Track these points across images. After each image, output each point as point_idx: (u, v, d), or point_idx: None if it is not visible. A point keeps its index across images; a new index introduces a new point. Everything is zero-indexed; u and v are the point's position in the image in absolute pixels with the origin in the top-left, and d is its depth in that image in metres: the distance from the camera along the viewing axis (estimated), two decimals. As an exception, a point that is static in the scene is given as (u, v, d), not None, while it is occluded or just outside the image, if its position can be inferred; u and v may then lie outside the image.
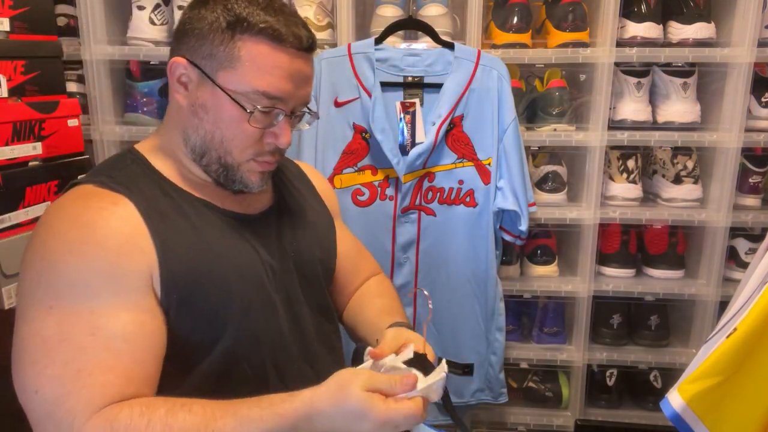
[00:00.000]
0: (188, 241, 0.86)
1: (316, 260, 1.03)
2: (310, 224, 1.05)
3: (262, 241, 0.95)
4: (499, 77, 1.51)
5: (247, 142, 0.88)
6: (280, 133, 0.89)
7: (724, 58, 1.61)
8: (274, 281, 0.94)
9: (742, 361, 0.88)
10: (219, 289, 0.87)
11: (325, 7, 1.67)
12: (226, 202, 0.94)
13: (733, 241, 1.77)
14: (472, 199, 1.53)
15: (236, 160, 0.90)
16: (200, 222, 0.89)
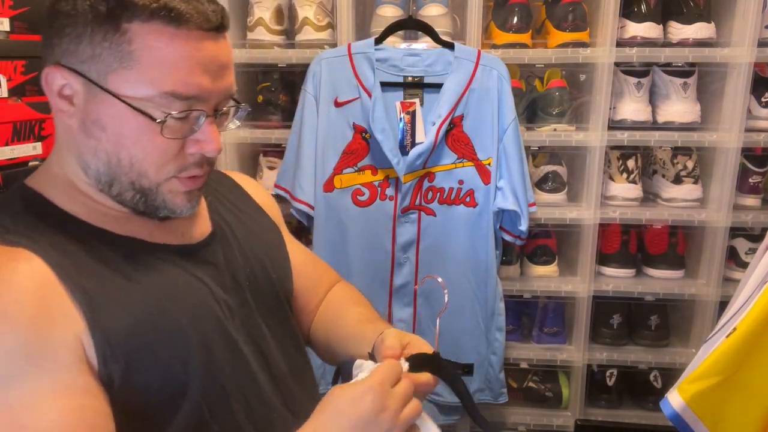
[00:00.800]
0: (120, 291, 0.69)
1: (274, 284, 0.89)
2: (259, 244, 0.90)
3: (211, 273, 0.79)
4: (499, 77, 1.51)
5: (163, 159, 0.71)
6: (204, 138, 0.72)
7: (724, 58, 1.61)
8: (233, 319, 0.79)
9: (742, 360, 0.88)
10: (171, 342, 0.70)
11: (325, 7, 1.67)
12: (157, 234, 0.77)
13: (733, 241, 1.77)
14: (472, 199, 1.53)
15: (154, 182, 0.72)
16: (130, 265, 0.72)
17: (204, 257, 0.81)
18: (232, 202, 0.93)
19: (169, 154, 0.72)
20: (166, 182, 0.73)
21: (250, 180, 1.03)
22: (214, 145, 0.73)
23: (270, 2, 1.66)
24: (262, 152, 1.81)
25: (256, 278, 0.86)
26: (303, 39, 1.65)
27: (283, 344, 0.87)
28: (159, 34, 0.67)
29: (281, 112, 1.74)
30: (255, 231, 0.91)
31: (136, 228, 0.76)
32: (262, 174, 1.79)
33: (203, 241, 0.82)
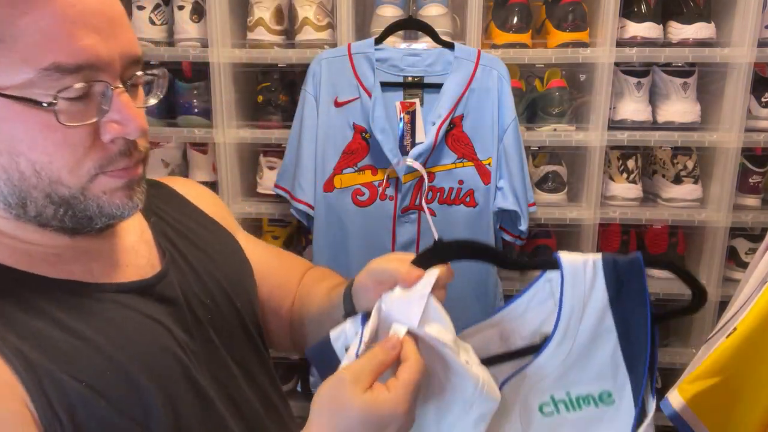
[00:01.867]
0: (63, 351, 0.57)
1: (239, 313, 0.78)
2: (217, 268, 0.77)
3: (169, 312, 0.67)
4: (499, 77, 1.51)
5: (74, 156, 0.57)
6: (120, 117, 0.58)
7: (724, 58, 1.60)
8: (198, 363, 0.68)
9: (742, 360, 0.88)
10: (130, 405, 0.59)
11: (325, 7, 1.67)
12: (97, 271, 0.65)
13: (733, 241, 1.76)
14: (472, 199, 1.53)
15: (74, 187, 0.59)
16: (71, 316, 0.59)
17: (159, 293, 0.68)
18: (178, 219, 0.79)
19: (80, 148, 0.57)
20: (92, 183, 0.60)
21: (191, 183, 0.90)
22: (135, 122, 0.59)
23: (270, 2, 1.66)
24: (262, 152, 1.81)
25: (218, 310, 0.74)
26: (303, 39, 1.65)
27: (255, 381, 0.77)
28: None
29: (281, 112, 1.74)
30: (210, 253, 0.78)
31: (72, 267, 0.63)
32: (262, 174, 1.79)
33: (158, 274, 0.69)
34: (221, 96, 1.66)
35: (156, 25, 1.68)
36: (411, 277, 0.66)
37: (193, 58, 1.67)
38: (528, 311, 0.72)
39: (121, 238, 0.70)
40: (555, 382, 0.70)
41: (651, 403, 0.68)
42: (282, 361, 1.86)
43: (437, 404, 0.65)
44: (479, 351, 0.70)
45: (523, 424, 0.72)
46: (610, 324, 0.69)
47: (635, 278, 0.68)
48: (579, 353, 0.69)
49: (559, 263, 0.68)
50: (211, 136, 1.69)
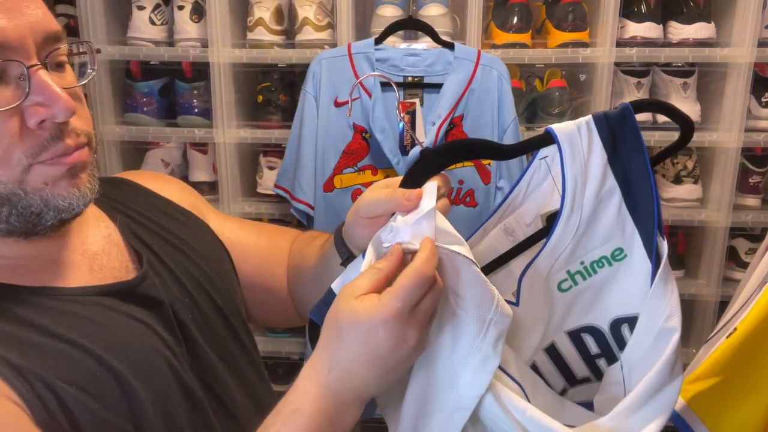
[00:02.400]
0: (52, 357, 0.56)
1: (220, 310, 0.75)
2: (193, 264, 0.74)
3: (154, 313, 0.66)
4: (499, 77, 1.51)
5: (0, 146, 0.54)
6: (44, 98, 0.55)
7: (724, 58, 1.60)
8: (184, 363, 0.67)
9: (743, 361, 0.88)
10: (122, 400, 0.59)
11: (325, 7, 1.67)
12: (72, 276, 0.63)
13: (733, 241, 1.76)
14: (472, 199, 1.53)
15: (10, 181, 0.56)
16: (56, 322, 0.58)
17: (142, 295, 0.65)
18: (147, 215, 0.75)
19: (5, 138, 0.54)
20: (29, 176, 0.56)
21: (154, 175, 0.86)
22: (60, 101, 0.54)
23: (270, 2, 1.66)
24: (262, 152, 1.81)
25: (198, 309, 0.72)
26: (303, 39, 1.65)
27: (242, 378, 0.75)
28: None
29: (281, 112, 1.74)
30: (185, 250, 0.75)
31: (43, 276, 0.61)
32: (262, 174, 1.79)
33: (137, 277, 0.67)
34: (221, 96, 1.66)
35: (156, 25, 1.68)
36: (411, 199, 0.59)
37: (193, 58, 1.67)
38: (528, 197, 0.70)
39: (87, 243, 0.67)
40: (569, 257, 0.67)
41: (663, 245, 0.66)
42: (283, 360, 1.86)
43: (452, 329, 0.60)
44: (489, 253, 0.68)
45: (548, 307, 0.69)
46: (612, 183, 0.66)
47: (628, 127, 0.68)
48: (587, 221, 0.66)
49: (554, 135, 0.65)
50: (211, 136, 1.69)
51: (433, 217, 0.59)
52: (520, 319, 0.67)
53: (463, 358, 0.59)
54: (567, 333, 0.71)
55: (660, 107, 0.73)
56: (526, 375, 0.68)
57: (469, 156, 0.68)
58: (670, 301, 0.64)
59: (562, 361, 0.72)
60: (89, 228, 0.68)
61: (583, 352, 0.72)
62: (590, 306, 0.70)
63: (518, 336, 0.69)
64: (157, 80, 1.74)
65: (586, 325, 0.70)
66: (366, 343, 0.54)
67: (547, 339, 0.70)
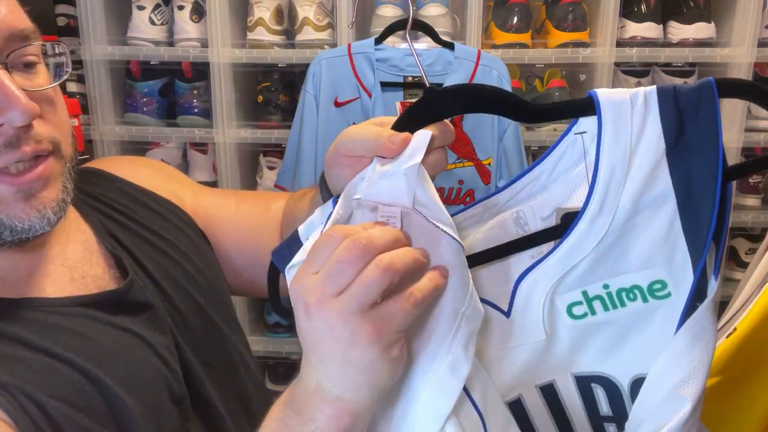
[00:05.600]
0: (38, 372, 0.54)
1: (204, 311, 0.71)
2: (173, 264, 0.70)
3: (145, 320, 0.64)
4: (499, 77, 1.51)
5: None
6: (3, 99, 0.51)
7: (724, 58, 1.60)
8: (178, 371, 0.65)
9: (742, 361, 0.88)
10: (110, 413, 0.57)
11: (325, 7, 1.67)
12: (52, 288, 0.60)
13: (733, 241, 1.76)
14: (472, 199, 1.53)
15: None
16: (40, 336, 0.55)
17: (131, 303, 0.63)
18: (121, 211, 0.71)
19: None
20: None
21: (123, 160, 0.81)
22: (18, 104, 0.51)
23: (270, 2, 1.66)
24: (262, 152, 1.81)
25: (179, 312, 0.68)
26: (303, 39, 1.65)
27: (225, 380, 0.71)
28: None
29: (281, 112, 1.74)
30: (164, 248, 0.71)
31: (22, 288, 0.58)
32: (262, 174, 1.79)
33: (125, 285, 0.63)
34: (221, 96, 1.66)
35: (156, 25, 1.68)
36: (395, 142, 0.47)
37: (193, 58, 1.67)
38: (551, 183, 0.52)
39: (66, 251, 0.64)
40: (588, 273, 0.50)
41: (711, 285, 0.48)
42: (283, 360, 1.86)
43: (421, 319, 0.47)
44: (490, 239, 0.52)
45: (547, 331, 0.52)
46: (667, 186, 0.48)
47: (704, 112, 0.46)
48: (620, 231, 0.49)
49: (596, 101, 0.48)
50: (211, 136, 1.69)
51: (414, 175, 0.46)
52: (507, 335, 0.52)
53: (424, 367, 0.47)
54: (575, 377, 0.54)
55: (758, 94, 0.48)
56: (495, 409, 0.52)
57: (479, 107, 0.51)
58: (694, 361, 0.47)
59: (561, 408, 0.56)
60: (68, 232, 0.64)
61: (590, 409, 0.55)
62: (610, 350, 0.52)
63: (499, 356, 0.53)
64: (157, 80, 1.74)
65: (600, 374, 0.53)
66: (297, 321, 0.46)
67: (544, 375, 0.54)
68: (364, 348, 0.43)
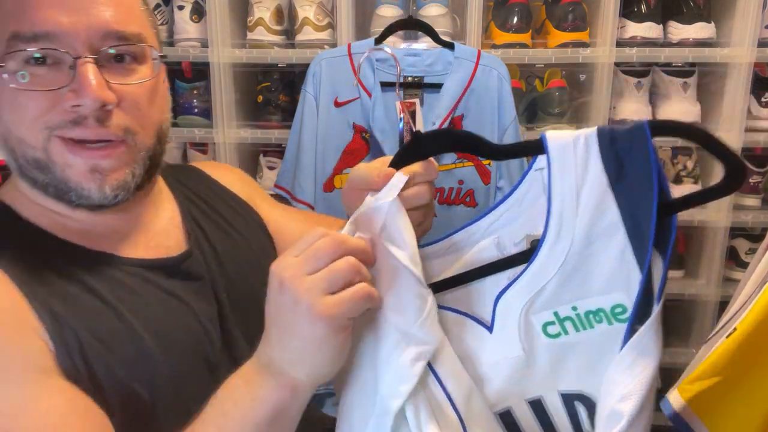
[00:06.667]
0: (87, 312, 0.63)
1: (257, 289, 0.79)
2: (241, 251, 0.81)
3: (195, 290, 0.72)
4: (499, 77, 1.51)
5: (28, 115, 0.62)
6: (78, 86, 0.61)
7: (724, 58, 1.60)
8: (217, 340, 0.73)
9: (742, 361, 0.88)
10: (138, 364, 0.64)
11: (325, 7, 1.67)
12: (127, 247, 0.70)
13: (733, 241, 1.76)
14: (472, 199, 1.53)
15: (37, 145, 0.63)
16: (99, 284, 0.65)
17: (184, 271, 0.72)
18: (207, 201, 0.84)
19: (35, 111, 0.62)
20: (50, 145, 0.63)
21: (221, 166, 0.94)
22: (88, 91, 0.61)
23: (270, 2, 1.66)
24: (262, 152, 1.81)
25: (235, 290, 0.77)
26: (303, 39, 1.65)
27: None
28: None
29: (281, 112, 1.74)
30: (233, 236, 0.82)
31: (103, 240, 0.69)
32: (262, 174, 1.79)
33: (182, 254, 0.74)
34: (221, 96, 1.66)
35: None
36: (380, 177, 0.58)
37: (193, 58, 1.67)
38: (521, 213, 0.61)
39: (152, 221, 0.75)
40: (556, 295, 0.57)
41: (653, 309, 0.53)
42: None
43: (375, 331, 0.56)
44: (476, 261, 0.60)
45: (525, 348, 0.58)
46: (615, 218, 0.55)
47: (637, 153, 0.53)
48: (580, 257, 0.56)
49: (544, 143, 0.56)
50: (211, 136, 1.69)
51: (385, 210, 0.56)
52: (490, 348, 0.59)
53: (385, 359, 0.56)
54: (561, 394, 0.60)
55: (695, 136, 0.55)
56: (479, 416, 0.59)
57: (455, 148, 0.63)
58: (634, 379, 0.52)
59: (549, 422, 0.62)
60: (158, 208, 0.77)
61: (575, 425, 0.61)
62: (587, 369, 0.58)
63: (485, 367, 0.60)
64: (157, 80, 1.74)
65: (581, 392, 0.59)
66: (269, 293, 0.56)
67: (531, 390, 0.60)
68: (317, 324, 0.52)
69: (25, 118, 0.62)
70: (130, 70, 0.67)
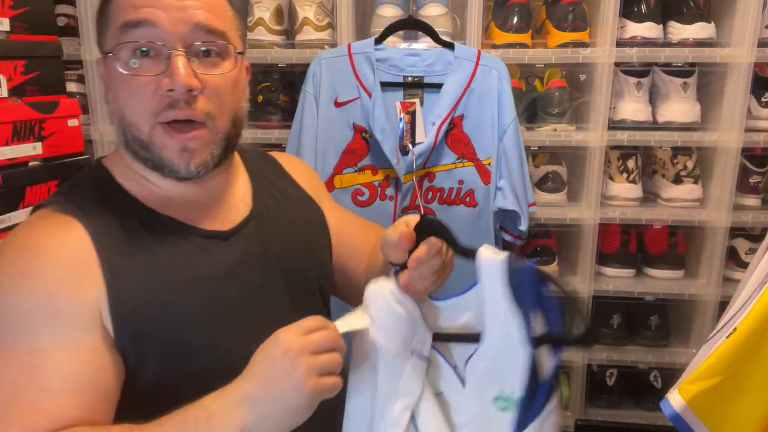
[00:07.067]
0: (145, 271, 0.76)
1: (308, 271, 0.93)
2: (298, 231, 0.94)
3: (243, 259, 0.84)
4: (499, 77, 1.51)
5: (136, 100, 0.75)
6: (170, 72, 0.74)
7: (724, 58, 1.61)
8: (262, 303, 0.84)
9: (742, 361, 0.88)
10: (179, 325, 0.76)
11: (325, 7, 1.67)
12: (195, 217, 0.83)
13: (733, 241, 1.76)
14: (472, 199, 1.53)
15: (144, 131, 0.77)
16: (162, 246, 0.78)
17: (238, 242, 0.85)
18: (276, 186, 0.97)
19: (143, 96, 0.75)
20: (154, 131, 0.77)
21: (292, 158, 1.08)
22: (178, 78, 0.74)
23: (270, 2, 1.66)
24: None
25: (290, 263, 0.89)
26: (303, 39, 1.65)
27: None
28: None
29: (281, 112, 1.74)
30: (295, 220, 0.95)
31: (179, 208, 0.82)
32: (262, 174, 1.79)
33: (235, 227, 0.86)
34: (221, 96, 1.66)
35: (156, 25, 1.68)
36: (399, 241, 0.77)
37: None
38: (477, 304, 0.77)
39: (228, 197, 0.88)
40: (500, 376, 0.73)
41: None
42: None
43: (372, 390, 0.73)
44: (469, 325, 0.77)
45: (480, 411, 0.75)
46: (522, 335, 0.71)
47: (529, 288, 0.70)
48: (504, 353, 0.72)
49: (477, 259, 0.75)
50: (211, 136, 1.69)
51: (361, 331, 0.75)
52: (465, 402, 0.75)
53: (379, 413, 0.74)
54: None
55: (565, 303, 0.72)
56: None
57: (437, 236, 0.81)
58: None
59: None
60: (233, 186, 0.90)
61: None
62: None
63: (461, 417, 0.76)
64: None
65: None
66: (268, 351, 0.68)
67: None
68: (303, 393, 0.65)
69: (137, 105, 0.76)
70: (214, 63, 0.78)
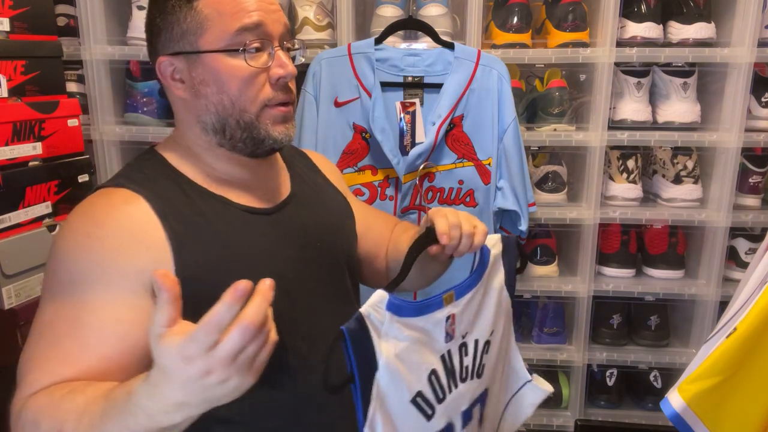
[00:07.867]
0: (201, 238, 0.86)
1: (338, 250, 1.03)
2: (330, 214, 1.05)
3: (283, 234, 0.94)
4: (499, 77, 1.51)
5: (253, 89, 0.88)
6: (280, 63, 0.89)
7: (724, 58, 1.61)
8: (298, 274, 0.93)
9: (742, 361, 0.88)
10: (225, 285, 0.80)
11: (325, 7, 1.67)
12: (243, 197, 0.94)
13: (733, 241, 1.77)
14: (472, 199, 1.53)
15: (253, 114, 0.89)
16: (216, 220, 0.89)
17: (280, 219, 0.95)
18: (310, 176, 1.08)
19: (257, 86, 0.88)
20: (262, 112, 0.89)
21: (320, 156, 1.19)
22: (288, 66, 0.89)
23: (270, 2, 1.66)
24: (262, 152, 1.81)
25: (325, 242, 1.00)
26: (303, 39, 1.65)
27: (337, 300, 1.00)
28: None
29: (281, 112, 1.74)
30: (327, 202, 1.07)
31: (227, 189, 0.93)
32: (262, 174, 1.79)
33: (281, 204, 0.97)
34: (221, 96, 1.66)
35: (156, 25, 1.68)
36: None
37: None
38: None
39: (272, 181, 0.99)
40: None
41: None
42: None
43: None
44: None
45: None
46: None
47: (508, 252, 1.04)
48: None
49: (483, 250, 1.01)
50: (211, 136, 1.69)
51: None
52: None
53: None
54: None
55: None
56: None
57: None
58: None
59: None
60: (276, 173, 1.01)
61: None
62: None
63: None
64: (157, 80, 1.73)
65: None
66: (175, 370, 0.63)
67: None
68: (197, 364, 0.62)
69: (249, 90, 0.87)
70: (290, 57, 0.93)
